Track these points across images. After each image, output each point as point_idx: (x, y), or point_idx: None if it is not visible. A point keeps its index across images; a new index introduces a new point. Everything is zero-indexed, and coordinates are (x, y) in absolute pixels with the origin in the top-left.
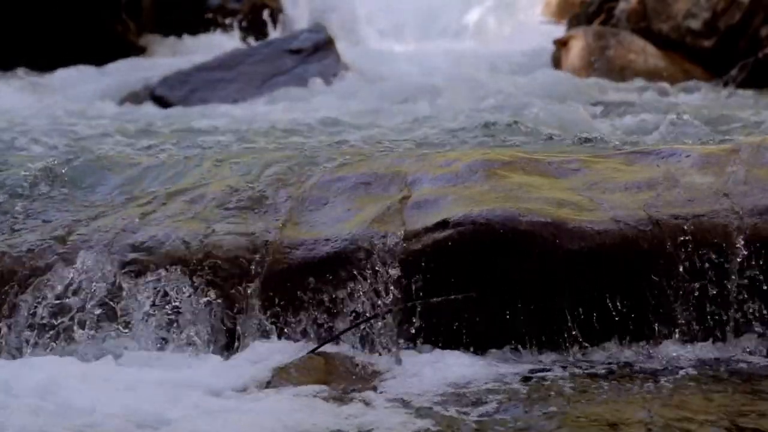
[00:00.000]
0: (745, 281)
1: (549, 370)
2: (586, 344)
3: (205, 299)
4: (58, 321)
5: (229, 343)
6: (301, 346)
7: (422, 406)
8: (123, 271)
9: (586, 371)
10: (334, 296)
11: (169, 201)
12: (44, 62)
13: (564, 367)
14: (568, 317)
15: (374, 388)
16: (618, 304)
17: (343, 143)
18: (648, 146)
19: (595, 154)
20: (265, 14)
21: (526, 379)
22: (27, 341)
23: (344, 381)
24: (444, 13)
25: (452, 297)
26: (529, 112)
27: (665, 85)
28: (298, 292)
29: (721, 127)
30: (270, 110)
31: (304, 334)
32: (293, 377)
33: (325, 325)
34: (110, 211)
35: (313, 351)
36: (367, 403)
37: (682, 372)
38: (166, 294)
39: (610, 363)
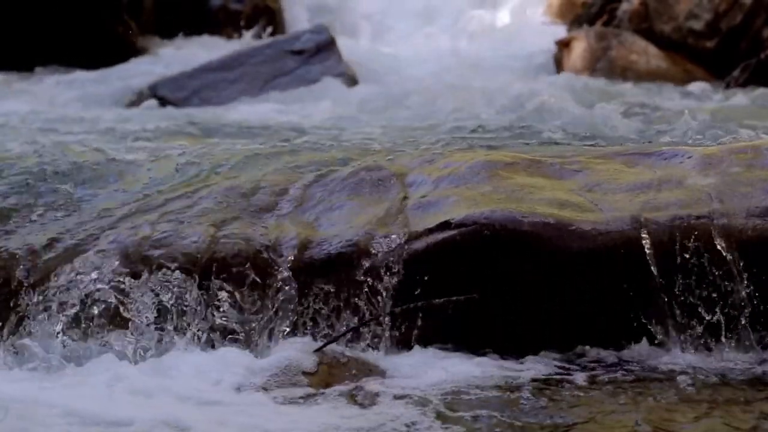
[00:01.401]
0: (747, 284)
1: (551, 372)
2: (588, 345)
3: (208, 301)
4: (68, 325)
5: (232, 345)
6: (304, 347)
7: (425, 408)
8: (129, 272)
9: (587, 372)
10: (336, 296)
11: (173, 202)
12: (42, 63)
13: (566, 369)
14: (570, 318)
15: (377, 389)
16: (619, 305)
17: (345, 144)
18: (650, 147)
19: (597, 155)
20: (267, 15)
21: (528, 381)
22: (38, 348)
23: (347, 381)
24: (446, 14)
25: (454, 298)
26: (531, 113)
27: (667, 85)
28: (301, 293)
29: (724, 127)
30: (272, 111)
31: (307, 334)
32: (295, 378)
33: (329, 325)
34: (115, 212)
35: (316, 351)
36: (369, 404)
37: (680, 376)
38: (172, 295)
39: (610, 364)
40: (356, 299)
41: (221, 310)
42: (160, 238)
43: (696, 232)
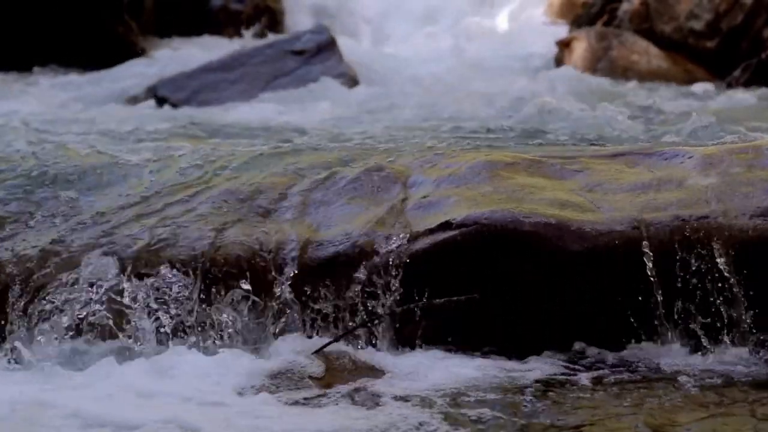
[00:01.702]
0: (748, 284)
1: (554, 372)
2: (590, 345)
3: (209, 302)
4: (72, 329)
5: (233, 347)
6: (305, 348)
7: (430, 409)
8: (131, 273)
9: (590, 373)
10: (338, 297)
11: (174, 203)
12: (42, 64)
13: (569, 369)
14: (571, 318)
15: (378, 390)
16: (620, 305)
17: (345, 144)
18: (650, 147)
19: (598, 155)
20: (268, 15)
21: (531, 382)
22: (43, 352)
23: (349, 382)
24: (446, 15)
25: (455, 298)
26: (532, 114)
27: (668, 86)
28: (302, 294)
29: (724, 127)
30: (273, 111)
31: (309, 334)
32: (297, 379)
33: (330, 326)
34: (117, 213)
35: (317, 352)
36: (373, 406)
37: (683, 377)
38: (173, 296)
39: (612, 365)
40: (357, 300)
41: (222, 311)
42: (160, 237)
43: (696, 233)
